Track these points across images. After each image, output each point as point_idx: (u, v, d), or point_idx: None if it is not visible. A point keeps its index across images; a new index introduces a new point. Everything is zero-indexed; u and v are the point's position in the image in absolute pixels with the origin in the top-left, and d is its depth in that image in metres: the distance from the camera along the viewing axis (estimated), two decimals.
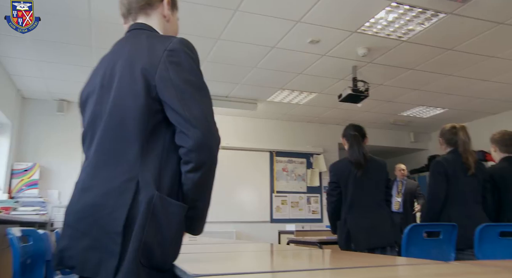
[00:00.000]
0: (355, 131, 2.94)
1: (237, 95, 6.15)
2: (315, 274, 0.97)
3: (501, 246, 2.53)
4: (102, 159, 1.14)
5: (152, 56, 1.16)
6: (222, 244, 2.29)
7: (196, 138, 1.10)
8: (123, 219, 1.03)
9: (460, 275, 0.86)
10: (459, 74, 5.23)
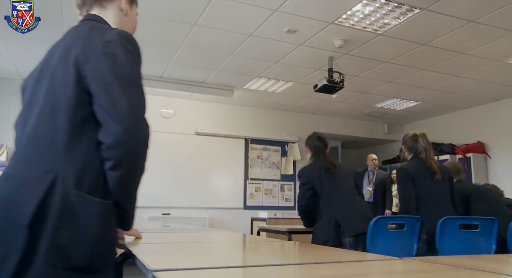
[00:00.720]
0: (319, 142, 3.10)
1: (213, 81, 6.10)
2: (276, 270, 1.00)
3: (461, 238, 2.65)
4: (29, 149, 1.09)
5: (87, 46, 1.12)
6: (192, 233, 2.30)
7: (116, 134, 1.04)
8: (30, 212, 0.98)
9: (407, 272, 0.90)
10: (432, 69, 5.34)
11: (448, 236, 2.60)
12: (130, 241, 1.43)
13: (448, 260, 1.10)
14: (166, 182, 6.57)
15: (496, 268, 1.00)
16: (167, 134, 6.74)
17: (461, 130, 7.34)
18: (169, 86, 6.11)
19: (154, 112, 6.74)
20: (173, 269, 0.86)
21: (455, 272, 0.91)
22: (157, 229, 2.68)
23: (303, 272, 0.93)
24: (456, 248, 2.59)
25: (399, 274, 0.89)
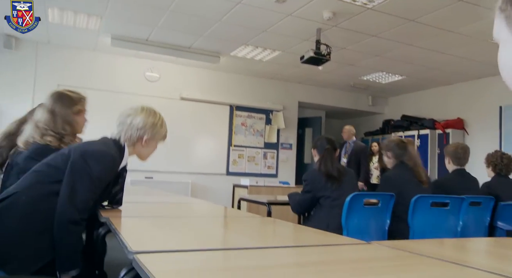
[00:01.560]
0: (329, 145, 2.92)
1: (199, 47, 6.01)
2: (251, 253, 1.07)
3: (431, 215, 2.80)
4: None
5: None
6: (173, 205, 2.36)
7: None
8: None
9: (370, 261, 0.99)
10: (418, 45, 5.37)
11: (420, 213, 2.75)
12: (111, 214, 1.48)
13: (414, 246, 1.18)
14: None
15: (460, 258, 1.09)
16: (151, 98, 6.68)
17: (442, 106, 7.48)
18: (155, 49, 6.01)
19: (138, 75, 6.66)
20: (154, 251, 0.92)
21: (416, 261, 1.00)
22: (139, 199, 2.74)
23: (268, 257, 1.00)
24: (428, 224, 2.74)
25: (362, 262, 0.97)
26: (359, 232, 2.59)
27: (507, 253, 1.30)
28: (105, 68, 6.44)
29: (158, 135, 1.81)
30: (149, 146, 1.80)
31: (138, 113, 1.76)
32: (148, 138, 1.76)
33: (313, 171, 2.93)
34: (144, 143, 1.76)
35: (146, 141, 1.76)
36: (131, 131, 1.74)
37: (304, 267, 0.89)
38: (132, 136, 1.74)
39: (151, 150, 1.84)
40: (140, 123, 1.74)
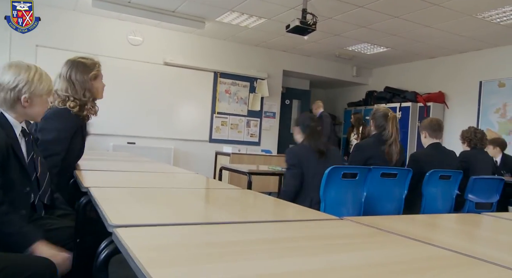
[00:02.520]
0: (313, 122, 2.93)
1: (184, 11, 5.87)
2: (227, 228, 1.12)
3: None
4: None
5: None
6: (153, 174, 2.39)
7: None
8: None
9: (341, 237, 1.05)
10: (405, 17, 5.35)
11: (371, 182, 2.88)
12: (91, 185, 1.51)
13: (384, 223, 1.24)
14: (132, 110, 6.54)
15: (427, 236, 1.16)
16: (134, 63, 6.58)
17: (425, 79, 7.56)
18: (137, 12, 5.84)
19: (121, 38, 6.50)
20: (133, 225, 0.95)
21: (384, 238, 1.06)
22: (121, 167, 2.77)
23: (242, 233, 1.06)
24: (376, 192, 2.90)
25: (332, 238, 1.03)
26: (336, 205, 2.68)
27: (472, 231, 1.39)
28: (86, 29, 6.25)
29: (40, 91, 1.59)
30: (35, 104, 1.59)
31: (6, 71, 1.54)
32: (28, 97, 1.55)
33: (295, 148, 2.95)
34: (24, 103, 1.56)
35: (27, 101, 1.56)
36: (3, 94, 1.53)
37: (276, 243, 0.95)
38: (6, 99, 1.54)
39: (41, 108, 1.64)
40: (11, 82, 1.53)
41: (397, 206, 3.08)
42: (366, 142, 3.14)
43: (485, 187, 3.53)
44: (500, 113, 6.29)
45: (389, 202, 3.06)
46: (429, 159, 3.36)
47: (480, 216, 1.62)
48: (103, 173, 2.18)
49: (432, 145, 3.45)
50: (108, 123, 6.32)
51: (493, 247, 1.06)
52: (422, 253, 0.92)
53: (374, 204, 2.99)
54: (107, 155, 3.80)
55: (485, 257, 0.89)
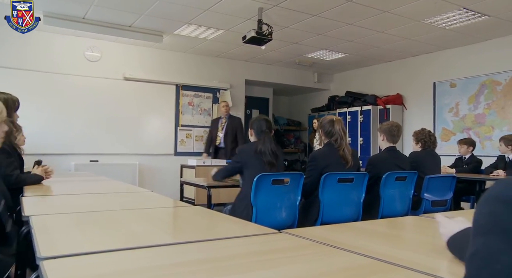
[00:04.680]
0: (266, 128, 3.02)
1: (141, 26, 5.84)
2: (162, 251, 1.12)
3: (338, 190, 3.02)
4: None
5: None
6: (104, 196, 2.36)
7: None
8: None
9: (278, 251, 1.08)
10: (358, 24, 5.52)
11: (328, 189, 2.99)
12: (33, 213, 1.48)
13: (320, 234, 1.28)
14: (94, 127, 6.41)
15: (360, 245, 1.20)
16: (93, 79, 6.47)
17: (383, 82, 7.80)
18: (93, 28, 5.75)
19: (77, 55, 6.39)
20: (64, 256, 0.94)
21: (319, 250, 1.10)
22: (74, 189, 2.71)
23: (180, 254, 1.07)
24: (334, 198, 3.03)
25: (269, 253, 1.05)
26: (268, 209, 2.81)
27: (402, 235, 1.45)
28: (41, 47, 6.11)
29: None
30: None
31: None
32: None
33: (246, 147, 3.06)
34: None
35: None
36: None
37: (212, 262, 0.96)
38: None
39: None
40: None
41: (356, 210, 3.16)
42: (319, 152, 3.21)
43: (439, 185, 3.67)
44: (453, 112, 6.56)
45: (347, 206, 3.14)
46: (385, 162, 3.47)
47: (419, 218, 1.69)
48: (50, 198, 2.14)
49: (387, 149, 3.56)
50: (69, 142, 6.18)
51: (415, 251, 1.12)
52: (345, 263, 0.96)
53: (333, 209, 3.07)
54: (62, 175, 3.70)
55: (404, 262, 0.94)
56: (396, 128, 3.52)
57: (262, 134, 2.99)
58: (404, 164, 3.55)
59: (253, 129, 3.06)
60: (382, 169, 3.34)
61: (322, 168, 3.05)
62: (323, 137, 3.17)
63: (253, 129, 3.07)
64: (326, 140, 3.15)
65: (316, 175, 3.05)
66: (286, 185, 2.90)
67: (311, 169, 3.13)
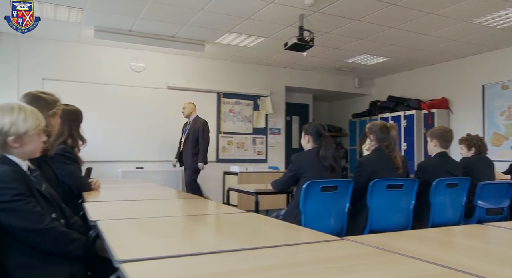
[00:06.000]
0: (325, 132, 3.02)
1: (184, 36, 5.99)
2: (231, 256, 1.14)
3: (387, 196, 2.95)
4: None
5: None
6: (158, 202, 2.42)
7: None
8: None
9: (343, 259, 1.07)
10: (401, 28, 5.41)
11: (377, 195, 2.93)
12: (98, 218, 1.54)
13: (384, 242, 1.26)
14: (139, 135, 6.62)
15: (427, 253, 1.17)
16: (138, 89, 6.69)
17: (427, 86, 7.58)
18: (138, 40, 5.97)
19: (124, 66, 6.63)
20: (139, 259, 0.98)
21: (386, 258, 1.08)
22: (127, 195, 2.81)
23: (248, 259, 1.08)
24: (383, 205, 2.95)
25: (334, 261, 1.05)
26: (316, 216, 2.78)
27: (460, 242, 1.40)
28: (90, 60, 6.40)
29: (28, 130, 1.60)
30: (27, 142, 1.62)
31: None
32: (16, 138, 1.58)
33: (303, 154, 3.03)
34: (14, 144, 1.59)
35: (16, 141, 1.59)
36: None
37: (283, 269, 0.97)
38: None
39: (33, 145, 1.66)
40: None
41: (406, 218, 3.08)
42: (367, 158, 3.16)
43: (494, 192, 3.51)
44: (505, 115, 6.27)
45: (397, 214, 3.06)
46: (436, 168, 3.36)
47: (478, 226, 1.63)
48: (110, 204, 2.22)
49: (439, 154, 3.45)
50: (116, 150, 6.41)
51: (482, 260, 1.07)
52: (417, 271, 0.94)
53: (382, 217, 3.00)
54: (114, 182, 3.85)
55: (476, 271, 0.90)
56: (449, 133, 3.42)
57: (321, 138, 2.98)
58: (456, 170, 3.42)
59: (310, 136, 3.03)
60: (432, 175, 3.24)
61: (370, 174, 3.01)
62: (374, 142, 3.12)
63: (309, 135, 3.04)
64: (376, 145, 3.10)
65: (364, 181, 3.01)
66: (335, 192, 2.87)
67: (358, 175, 3.09)
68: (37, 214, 1.51)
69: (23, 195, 1.51)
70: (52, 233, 1.52)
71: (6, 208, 1.48)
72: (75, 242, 1.56)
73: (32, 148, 1.67)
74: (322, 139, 3.00)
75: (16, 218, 1.48)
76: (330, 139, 3.08)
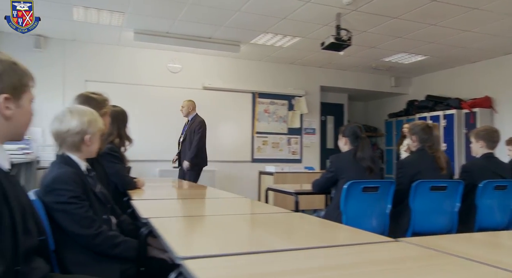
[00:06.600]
0: (363, 134, 3.01)
1: (220, 37, 6.06)
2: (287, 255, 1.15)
3: (431, 198, 2.89)
4: None
5: None
6: (203, 201, 2.46)
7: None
8: None
9: (399, 261, 1.05)
10: (442, 24, 5.26)
11: (420, 197, 2.87)
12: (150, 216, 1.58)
13: (441, 244, 1.23)
14: (176, 135, 6.72)
15: (491, 257, 1.14)
16: (175, 89, 6.81)
17: (468, 84, 7.32)
18: (176, 42, 6.09)
19: (161, 67, 6.78)
20: (200, 257, 0.99)
21: (444, 261, 1.06)
22: (171, 194, 2.87)
23: (301, 260, 1.08)
24: (427, 207, 2.89)
25: (390, 263, 1.04)
26: (357, 217, 2.76)
27: None
28: (129, 61, 6.58)
29: (97, 130, 1.79)
30: (94, 142, 1.80)
31: (71, 118, 1.72)
32: (90, 137, 1.75)
33: (341, 155, 3.03)
34: (88, 142, 1.75)
35: (90, 139, 1.76)
36: (72, 138, 1.72)
37: (336, 270, 0.97)
38: (74, 142, 1.72)
39: (97, 144, 1.83)
40: (77, 127, 1.72)
41: (450, 221, 2.99)
42: (410, 158, 3.10)
43: None
44: None
45: (441, 216, 2.98)
46: (483, 169, 3.23)
47: None
48: (155, 202, 2.28)
49: (485, 155, 3.31)
50: (154, 149, 6.56)
51: None
52: (490, 276, 0.91)
53: (425, 219, 2.93)
54: (154, 181, 3.94)
55: None
56: (496, 134, 3.29)
57: (358, 140, 2.97)
58: (505, 171, 3.28)
59: (347, 138, 3.03)
60: (479, 177, 3.12)
61: (412, 175, 2.95)
62: (416, 143, 3.06)
63: (346, 137, 3.04)
64: (419, 145, 3.03)
65: (406, 182, 2.95)
66: (376, 193, 2.83)
67: (400, 176, 3.03)
68: (88, 219, 1.61)
69: (78, 198, 1.62)
70: (99, 238, 1.61)
71: (62, 209, 1.59)
72: (121, 245, 1.64)
73: (96, 147, 1.82)
74: (359, 140, 3.00)
75: (69, 221, 1.59)
76: (367, 140, 3.07)
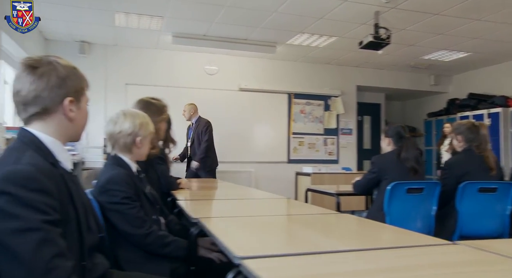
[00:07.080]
0: (407, 134, 2.96)
1: (256, 38, 6.09)
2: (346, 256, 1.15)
3: (479, 200, 2.79)
4: None
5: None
6: (247, 201, 2.48)
7: None
8: None
9: (456, 265, 1.03)
10: (486, 19, 5.06)
11: (467, 198, 2.77)
12: (200, 216, 1.62)
13: (500, 247, 1.19)
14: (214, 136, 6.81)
15: None
16: (211, 91, 6.90)
17: None
18: (212, 44, 6.17)
19: (198, 70, 6.89)
20: (257, 257, 1.01)
21: (505, 266, 1.02)
22: (218, 194, 2.90)
23: (360, 260, 1.07)
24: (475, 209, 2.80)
25: (446, 267, 1.01)
26: (402, 218, 2.68)
27: None
28: (166, 64, 6.73)
29: (148, 133, 1.84)
30: (144, 145, 1.85)
31: (124, 120, 1.78)
32: (141, 139, 1.81)
33: (384, 155, 2.99)
34: (139, 144, 1.81)
35: (141, 142, 1.81)
36: (124, 139, 1.78)
37: (394, 272, 0.96)
38: (126, 143, 1.78)
39: (147, 148, 1.88)
40: (130, 129, 1.78)
41: (501, 224, 2.87)
42: (457, 159, 3.00)
43: None
44: None
45: (490, 219, 2.87)
46: None
47: None
48: (201, 202, 2.32)
49: None
50: None
51: None
52: None
53: (473, 222, 2.83)
54: (195, 181, 4.01)
55: None
56: None
57: (402, 140, 2.92)
58: None
59: (391, 138, 2.98)
60: None
61: (459, 176, 2.85)
62: (462, 143, 2.96)
63: (390, 137, 2.99)
64: (465, 145, 2.94)
65: (452, 183, 2.86)
66: (421, 194, 2.76)
67: (446, 177, 2.95)
68: (139, 219, 1.67)
69: (130, 198, 1.67)
70: (150, 237, 1.66)
71: (115, 209, 1.65)
72: (171, 244, 1.69)
73: (146, 150, 1.87)
74: (403, 141, 2.94)
75: (121, 221, 1.65)
76: (412, 141, 3.02)
